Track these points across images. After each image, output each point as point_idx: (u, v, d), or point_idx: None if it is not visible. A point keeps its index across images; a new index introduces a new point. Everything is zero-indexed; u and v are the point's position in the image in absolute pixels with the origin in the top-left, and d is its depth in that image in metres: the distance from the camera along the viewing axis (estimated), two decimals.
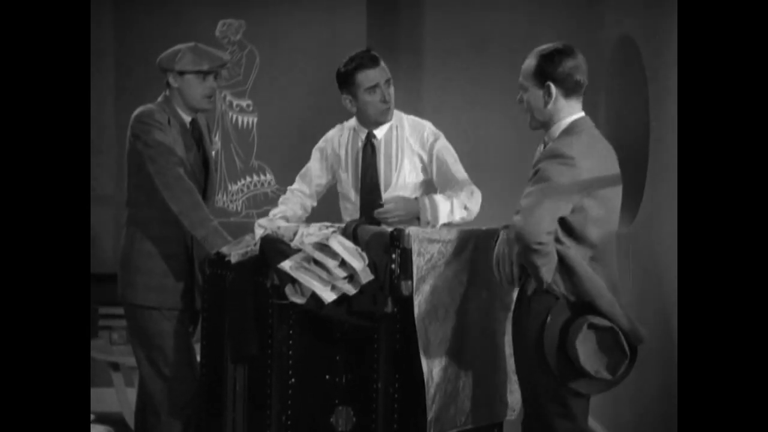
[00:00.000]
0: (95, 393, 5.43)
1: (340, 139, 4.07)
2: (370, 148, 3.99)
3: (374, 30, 5.59)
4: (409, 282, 3.46)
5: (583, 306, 3.19)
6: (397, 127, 3.97)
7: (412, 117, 4.04)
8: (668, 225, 3.78)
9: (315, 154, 4.14)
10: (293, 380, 3.53)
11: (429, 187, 3.98)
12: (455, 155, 3.96)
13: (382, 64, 3.93)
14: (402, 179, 3.93)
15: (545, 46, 3.31)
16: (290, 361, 3.52)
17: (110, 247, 5.48)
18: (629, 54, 4.64)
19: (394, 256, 3.47)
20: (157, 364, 3.97)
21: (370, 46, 5.47)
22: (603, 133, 3.39)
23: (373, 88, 3.89)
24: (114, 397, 5.28)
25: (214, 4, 5.55)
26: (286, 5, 5.53)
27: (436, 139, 3.96)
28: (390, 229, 3.56)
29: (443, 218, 3.82)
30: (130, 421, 4.86)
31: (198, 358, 4.03)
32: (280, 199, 4.21)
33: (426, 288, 3.50)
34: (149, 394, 4.01)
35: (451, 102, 5.47)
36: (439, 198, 3.86)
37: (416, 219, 3.83)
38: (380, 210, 3.85)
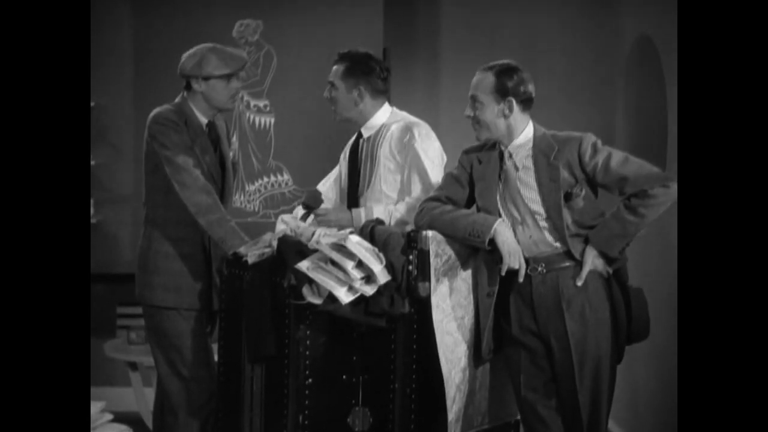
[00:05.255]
0: (113, 392, 5.46)
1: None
2: (356, 147, 3.99)
3: (391, 29, 5.59)
4: (427, 283, 3.45)
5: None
6: (385, 129, 3.91)
7: (406, 121, 3.92)
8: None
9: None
10: (310, 380, 3.53)
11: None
12: (428, 168, 3.80)
13: (335, 65, 3.93)
14: (378, 181, 3.90)
15: (496, 62, 3.53)
16: (307, 362, 3.53)
17: (129, 247, 5.50)
18: (647, 53, 4.62)
19: (411, 257, 3.46)
20: (175, 364, 3.98)
21: (387, 45, 5.52)
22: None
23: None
24: (132, 396, 5.29)
25: (232, 4, 5.56)
26: (303, 5, 5.54)
27: (413, 147, 3.82)
28: (407, 230, 3.56)
29: None
30: (148, 420, 4.88)
31: (215, 359, 4.03)
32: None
33: (444, 289, 3.50)
34: (167, 394, 4.02)
35: (468, 102, 5.45)
36: (377, 210, 3.81)
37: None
38: (317, 214, 3.86)
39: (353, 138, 4.03)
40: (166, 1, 5.54)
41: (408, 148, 3.83)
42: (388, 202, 3.85)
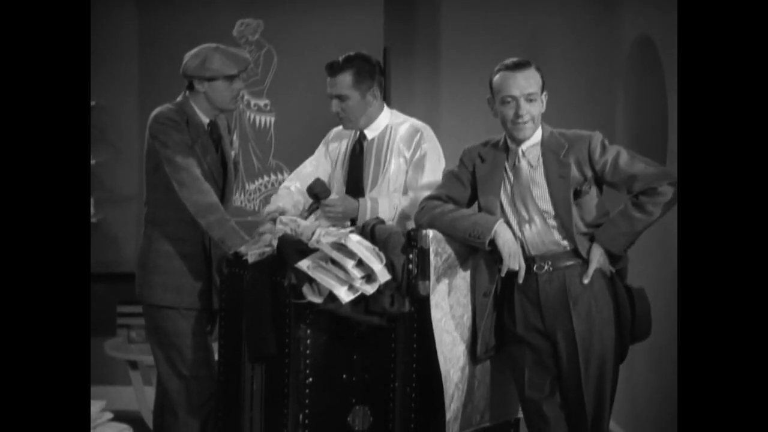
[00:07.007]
0: (113, 391, 5.46)
1: (342, 134, 4.07)
2: (358, 147, 3.99)
3: (391, 29, 5.60)
4: (427, 282, 3.46)
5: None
6: (391, 129, 3.93)
7: (411, 122, 3.96)
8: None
9: (320, 147, 4.15)
10: (310, 380, 3.53)
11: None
12: (435, 165, 3.86)
13: (338, 76, 3.87)
14: (387, 181, 3.90)
15: (522, 59, 3.48)
16: (307, 361, 3.53)
17: (129, 246, 5.50)
18: (647, 53, 4.62)
19: (411, 255, 3.47)
20: (175, 363, 3.98)
21: (387, 45, 5.52)
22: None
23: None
24: (132, 395, 5.30)
25: (232, 3, 5.56)
26: (303, 5, 5.54)
27: (421, 147, 3.87)
28: (407, 229, 3.57)
29: (385, 218, 3.78)
30: (148, 419, 4.88)
31: (215, 358, 4.04)
32: (272, 197, 4.15)
33: (443, 287, 3.50)
34: (167, 393, 4.02)
35: (468, 101, 5.46)
36: (383, 202, 3.84)
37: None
38: (325, 204, 3.85)
39: (352, 139, 4.02)
40: (168, 0, 5.54)
41: (417, 147, 3.87)
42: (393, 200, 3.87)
